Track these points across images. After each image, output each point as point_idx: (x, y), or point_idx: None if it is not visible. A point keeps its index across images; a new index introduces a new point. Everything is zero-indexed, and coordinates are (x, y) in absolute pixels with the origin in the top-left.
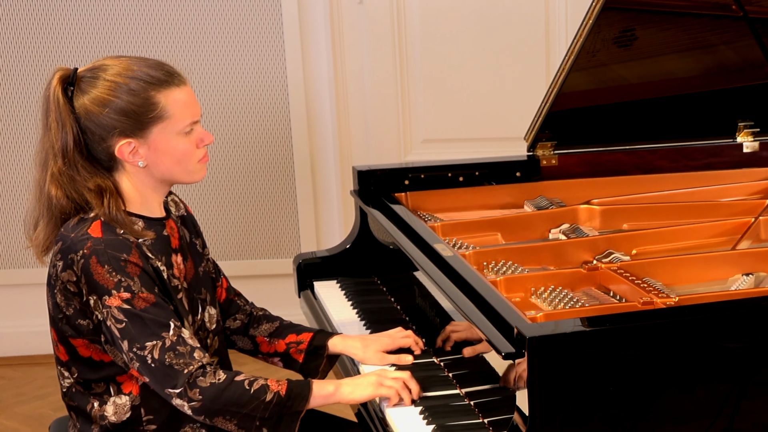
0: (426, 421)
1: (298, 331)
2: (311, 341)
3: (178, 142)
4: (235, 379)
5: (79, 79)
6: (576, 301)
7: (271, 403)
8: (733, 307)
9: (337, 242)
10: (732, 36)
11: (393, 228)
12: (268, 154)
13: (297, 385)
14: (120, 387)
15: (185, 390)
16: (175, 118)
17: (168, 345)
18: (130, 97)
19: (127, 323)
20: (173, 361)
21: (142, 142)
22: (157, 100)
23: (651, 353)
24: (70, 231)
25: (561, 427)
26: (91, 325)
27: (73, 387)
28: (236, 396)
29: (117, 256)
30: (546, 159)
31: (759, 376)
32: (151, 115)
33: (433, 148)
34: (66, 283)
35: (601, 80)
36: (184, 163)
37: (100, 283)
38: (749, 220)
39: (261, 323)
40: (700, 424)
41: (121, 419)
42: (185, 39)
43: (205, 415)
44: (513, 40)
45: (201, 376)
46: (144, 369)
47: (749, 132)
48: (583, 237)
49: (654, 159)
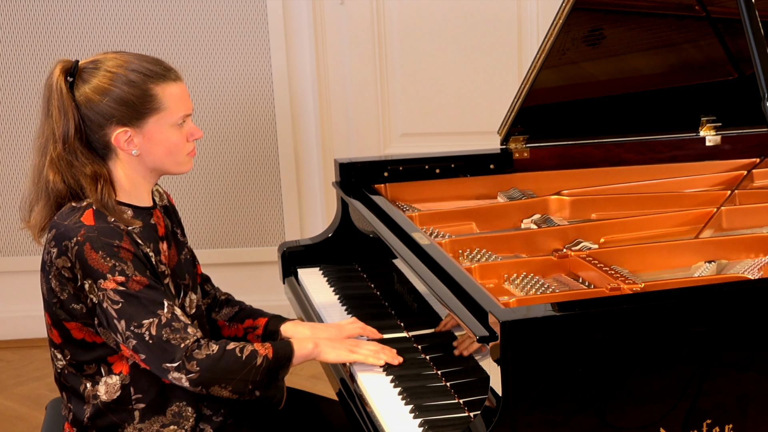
0: (404, 401)
1: (254, 317)
2: (266, 326)
3: (171, 134)
4: (227, 348)
5: (81, 70)
6: (547, 287)
7: (261, 366)
8: (696, 293)
9: (320, 231)
10: (695, 35)
11: (373, 218)
12: (254, 147)
13: (281, 347)
14: (111, 367)
15: (183, 363)
16: (170, 110)
17: (164, 322)
18: (129, 87)
19: (124, 303)
20: (170, 336)
21: (137, 132)
22: (155, 92)
23: (618, 337)
24: (63, 219)
25: (533, 407)
26: (84, 309)
27: (65, 369)
28: (230, 364)
29: (110, 243)
30: (518, 152)
31: (720, 358)
32: (148, 106)
33: (411, 142)
34: (60, 269)
35: (570, 77)
36: (175, 155)
37: (95, 268)
38: (711, 210)
39: (222, 308)
40: (665, 404)
41: (112, 398)
42: (177, 38)
43: (202, 386)
44: (487, 39)
45: (197, 349)
46: (141, 346)
47: (711, 126)
48: (554, 226)
49: (621, 152)
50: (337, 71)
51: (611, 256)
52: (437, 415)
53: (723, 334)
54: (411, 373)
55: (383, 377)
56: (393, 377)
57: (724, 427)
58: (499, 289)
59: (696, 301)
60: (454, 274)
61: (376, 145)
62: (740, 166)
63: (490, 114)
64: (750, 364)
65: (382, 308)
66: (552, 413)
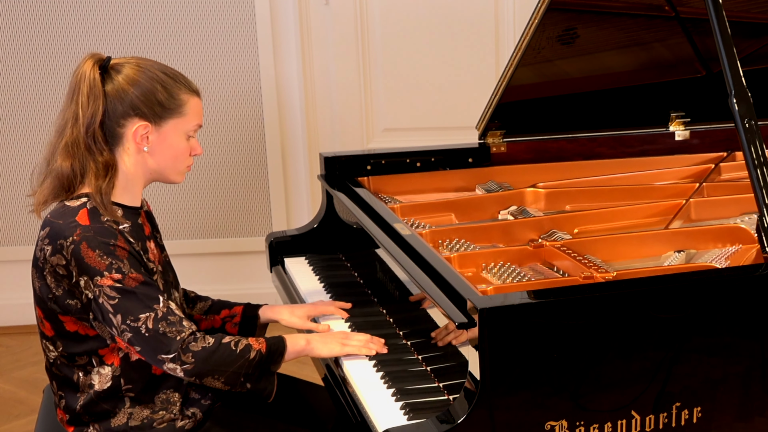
0: (387, 385)
1: (230, 306)
2: (243, 313)
3: (181, 142)
4: (222, 341)
5: (113, 65)
6: (523, 275)
7: (254, 360)
8: (666, 281)
9: (306, 222)
10: (665, 34)
11: (356, 209)
12: (243, 142)
13: (274, 343)
14: (102, 359)
15: (179, 355)
16: (188, 118)
17: (160, 316)
18: (160, 85)
19: (120, 299)
20: (166, 329)
21: (154, 129)
22: (181, 97)
23: (591, 323)
24: (57, 217)
25: (509, 391)
26: (79, 304)
27: (58, 359)
28: (224, 357)
29: (106, 242)
30: (496, 146)
31: (689, 344)
32: (172, 107)
33: (393, 137)
34: (55, 267)
35: (546, 74)
36: (177, 162)
37: (92, 266)
38: (681, 202)
39: (196, 303)
40: (636, 388)
41: (103, 387)
42: (171, 36)
43: (196, 376)
44: (465, 38)
45: (193, 341)
46: (137, 339)
47: (681, 122)
48: (530, 217)
49: (594, 146)
50: (322, 69)
51: (584, 246)
52: (418, 398)
53: (691, 320)
54: (393, 358)
55: (366, 362)
56: (376, 362)
57: (693, 410)
58: (477, 277)
59: (666, 289)
60: (434, 263)
61: (359, 140)
62: (708, 160)
63: (468, 110)
64: (717, 349)
65: (365, 295)
66: (528, 396)
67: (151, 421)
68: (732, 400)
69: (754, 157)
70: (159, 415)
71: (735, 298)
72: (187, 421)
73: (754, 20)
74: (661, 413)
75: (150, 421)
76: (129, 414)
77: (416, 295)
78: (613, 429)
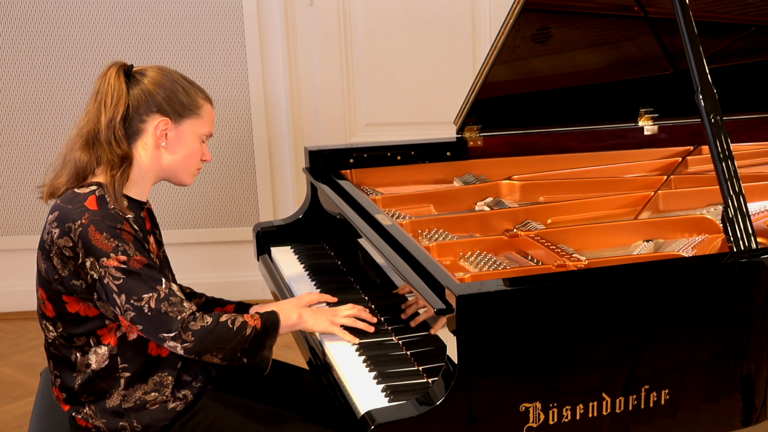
0: (368, 369)
1: (222, 304)
2: (235, 310)
3: (195, 143)
4: (220, 320)
5: (136, 71)
6: (499, 264)
7: (250, 336)
8: (636, 270)
9: (291, 213)
10: (634, 33)
11: (340, 200)
12: (232, 137)
13: (268, 318)
14: (99, 339)
15: (179, 333)
16: (204, 122)
17: (162, 296)
18: (181, 88)
19: (125, 279)
20: (168, 309)
21: (173, 126)
22: (199, 102)
23: (564, 309)
24: (66, 203)
25: (485, 374)
26: (83, 284)
27: (56, 340)
28: (222, 334)
29: (113, 225)
30: (472, 140)
31: (657, 329)
32: (191, 107)
33: (375, 131)
34: (62, 249)
35: (520, 72)
36: (189, 163)
37: (99, 248)
38: (649, 194)
39: (190, 299)
40: (607, 371)
41: (101, 366)
42: (162, 37)
43: (195, 354)
44: (444, 37)
45: (192, 321)
46: (140, 318)
47: (649, 117)
48: (505, 208)
49: (566, 140)
50: (307, 67)
51: (557, 236)
52: (398, 381)
53: (659, 307)
54: (374, 342)
55: (349, 347)
56: (358, 347)
57: (661, 392)
58: (455, 266)
59: (635, 277)
60: (413, 252)
61: (342, 134)
62: (675, 154)
63: (446, 105)
64: (683, 334)
65: (347, 283)
66: (504, 379)
67: (144, 402)
68: (698, 383)
69: (719, 151)
70: (151, 396)
71: (701, 285)
72: (179, 402)
73: (719, 20)
74: (630, 395)
75: (143, 402)
76: (123, 395)
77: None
78: (585, 410)
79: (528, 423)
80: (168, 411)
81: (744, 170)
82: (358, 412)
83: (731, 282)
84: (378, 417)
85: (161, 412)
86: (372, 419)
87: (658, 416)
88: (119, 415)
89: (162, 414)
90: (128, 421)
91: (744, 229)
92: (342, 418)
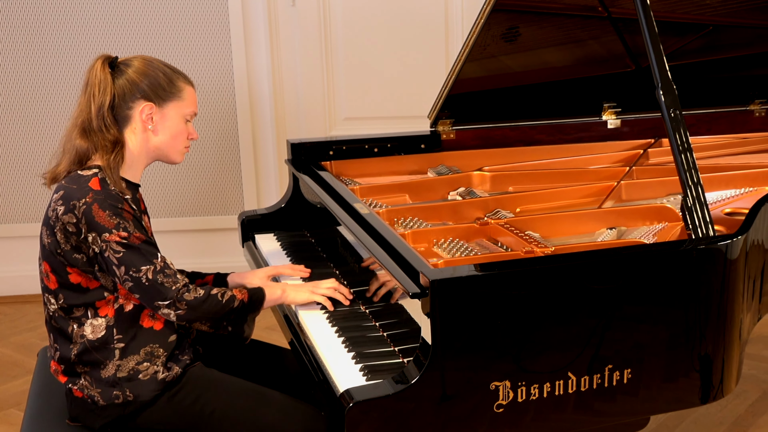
0: (347, 349)
1: (202, 276)
2: (214, 281)
3: (180, 124)
4: (211, 293)
5: (121, 62)
6: (470, 250)
7: (237, 308)
8: (600, 256)
9: (275, 202)
10: (598, 32)
11: (320, 190)
12: (218, 130)
13: (254, 293)
14: (97, 311)
15: (173, 302)
16: (186, 103)
17: (158, 268)
18: (163, 74)
19: (125, 252)
20: (164, 280)
21: (158, 110)
22: (180, 85)
23: (532, 293)
24: (71, 183)
25: (458, 354)
26: (85, 258)
27: (56, 312)
28: (212, 306)
29: (115, 204)
30: (445, 134)
31: (620, 312)
32: (173, 91)
33: (353, 125)
34: (66, 224)
35: (491, 69)
36: (176, 142)
37: (101, 224)
38: (612, 184)
39: None
40: (572, 351)
41: (97, 337)
42: (152, 36)
43: (186, 321)
44: (419, 36)
45: (186, 292)
46: (137, 287)
47: (612, 111)
48: (476, 198)
49: (534, 133)
50: (289, 64)
51: (526, 224)
52: (376, 361)
53: (622, 291)
54: (353, 325)
55: (329, 328)
56: (337, 328)
57: (623, 372)
58: (429, 252)
59: (599, 263)
60: (390, 239)
61: (322, 128)
62: (637, 146)
63: (421, 101)
64: (645, 317)
65: (327, 268)
66: (475, 359)
67: (136, 373)
68: (659, 363)
69: (678, 143)
70: (143, 366)
71: (661, 270)
72: (168, 373)
73: (679, 20)
74: (594, 374)
75: (135, 372)
76: (117, 366)
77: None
78: (552, 389)
79: (498, 400)
80: (158, 382)
81: (702, 162)
82: (338, 390)
83: (690, 267)
84: (356, 395)
85: (152, 383)
86: (351, 397)
87: (621, 394)
88: (113, 385)
89: (153, 385)
90: (121, 391)
91: (702, 218)
92: (322, 394)
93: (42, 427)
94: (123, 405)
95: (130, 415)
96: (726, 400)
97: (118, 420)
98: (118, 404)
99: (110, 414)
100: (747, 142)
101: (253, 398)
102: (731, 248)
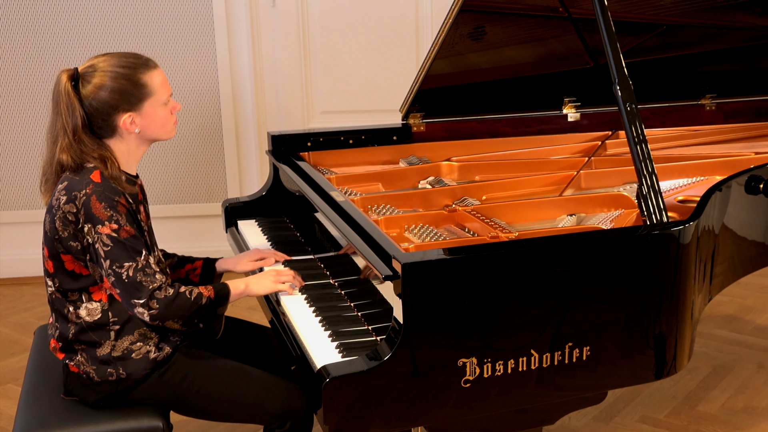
0: (324, 328)
1: (192, 261)
2: (203, 266)
3: (162, 111)
4: (180, 291)
5: (82, 76)
6: (439, 235)
7: (206, 305)
8: (560, 240)
9: (256, 190)
10: (559, 32)
11: (299, 179)
12: (203, 123)
13: (220, 289)
14: (91, 296)
15: (147, 301)
16: (158, 93)
17: (139, 266)
18: (123, 80)
19: (112, 247)
20: (142, 278)
21: (137, 114)
22: (144, 80)
23: (497, 276)
24: (74, 175)
25: (428, 333)
26: (80, 246)
27: (54, 294)
28: (181, 304)
29: (112, 197)
30: (416, 126)
31: (579, 293)
32: (143, 91)
33: (330, 118)
34: (66, 213)
35: (459, 66)
36: (165, 126)
37: (96, 215)
38: (572, 173)
39: (165, 260)
40: (535, 330)
41: (94, 319)
42: (140, 34)
43: (159, 320)
44: (391, 35)
45: (158, 291)
46: (117, 283)
47: (572, 105)
48: (445, 186)
49: (499, 126)
50: (270, 60)
51: (491, 211)
52: (351, 339)
53: (581, 273)
54: (329, 305)
55: (307, 308)
56: (315, 308)
57: (583, 349)
58: (401, 237)
59: (559, 247)
60: (364, 225)
61: (301, 120)
62: (595, 138)
63: (393, 95)
64: (603, 298)
65: (305, 252)
66: (444, 337)
67: (130, 352)
68: (616, 341)
69: (634, 135)
70: (137, 346)
71: (618, 254)
72: (159, 353)
73: (635, 20)
74: (555, 352)
75: (129, 351)
76: (112, 345)
77: (347, 247)
78: (516, 365)
79: (465, 376)
80: (149, 361)
81: (656, 152)
82: (315, 367)
83: (645, 252)
84: (332, 371)
85: (144, 362)
86: (327, 373)
87: (580, 370)
88: (107, 363)
89: (144, 363)
90: (115, 368)
91: (656, 205)
92: (301, 371)
93: (38, 401)
94: (116, 382)
95: (122, 392)
96: (679, 376)
97: (112, 396)
98: (112, 381)
99: (104, 390)
100: (698, 134)
101: (237, 376)
102: (684, 234)
